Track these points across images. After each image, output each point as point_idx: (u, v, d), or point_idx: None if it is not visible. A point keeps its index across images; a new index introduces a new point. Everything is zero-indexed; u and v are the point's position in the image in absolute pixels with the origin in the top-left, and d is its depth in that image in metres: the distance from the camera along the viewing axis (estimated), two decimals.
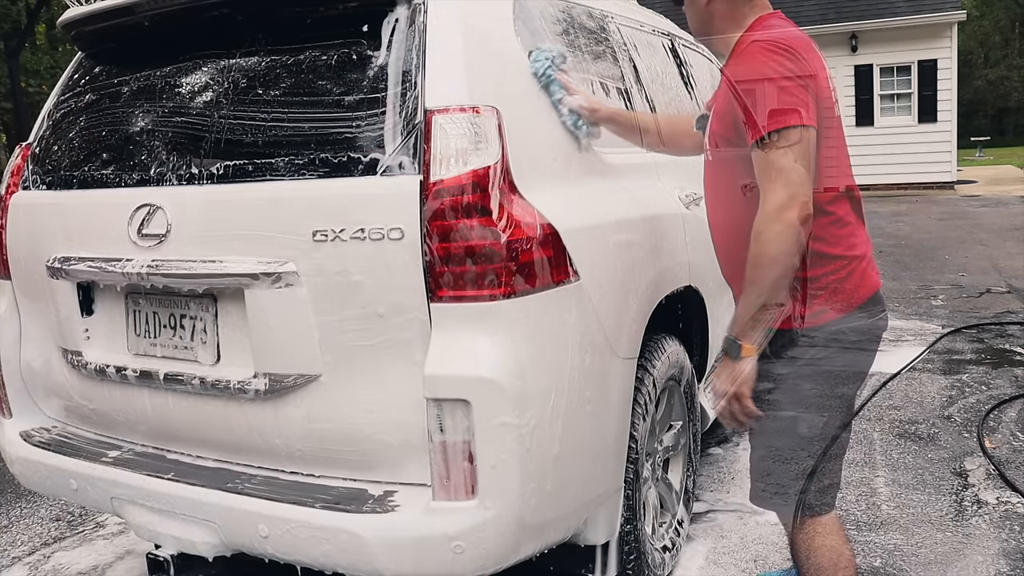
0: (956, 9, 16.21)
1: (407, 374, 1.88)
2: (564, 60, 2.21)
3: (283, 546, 1.94)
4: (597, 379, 2.09)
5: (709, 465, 3.59)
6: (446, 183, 1.80)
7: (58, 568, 3.01)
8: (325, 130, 1.95)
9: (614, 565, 2.31)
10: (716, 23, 1.96)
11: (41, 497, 3.62)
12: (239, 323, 2.06)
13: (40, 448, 2.40)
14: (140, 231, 2.14)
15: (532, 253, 1.86)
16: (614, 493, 2.21)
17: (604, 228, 2.17)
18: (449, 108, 1.84)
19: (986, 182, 18.12)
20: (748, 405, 1.83)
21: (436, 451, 1.81)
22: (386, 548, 1.83)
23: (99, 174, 2.30)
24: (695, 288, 2.81)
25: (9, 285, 2.54)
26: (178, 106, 2.20)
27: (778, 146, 1.70)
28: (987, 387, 4.44)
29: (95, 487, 2.25)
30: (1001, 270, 7.91)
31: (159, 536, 2.14)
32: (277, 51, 2.10)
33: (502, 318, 1.81)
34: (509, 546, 1.86)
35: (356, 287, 1.88)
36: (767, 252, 1.73)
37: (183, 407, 2.18)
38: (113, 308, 2.32)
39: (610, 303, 2.13)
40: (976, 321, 5.92)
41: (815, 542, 1.96)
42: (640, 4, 3.50)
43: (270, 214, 1.96)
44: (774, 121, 1.72)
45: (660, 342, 2.56)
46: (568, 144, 2.20)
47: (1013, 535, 2.86)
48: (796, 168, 1.70)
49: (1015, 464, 3.44)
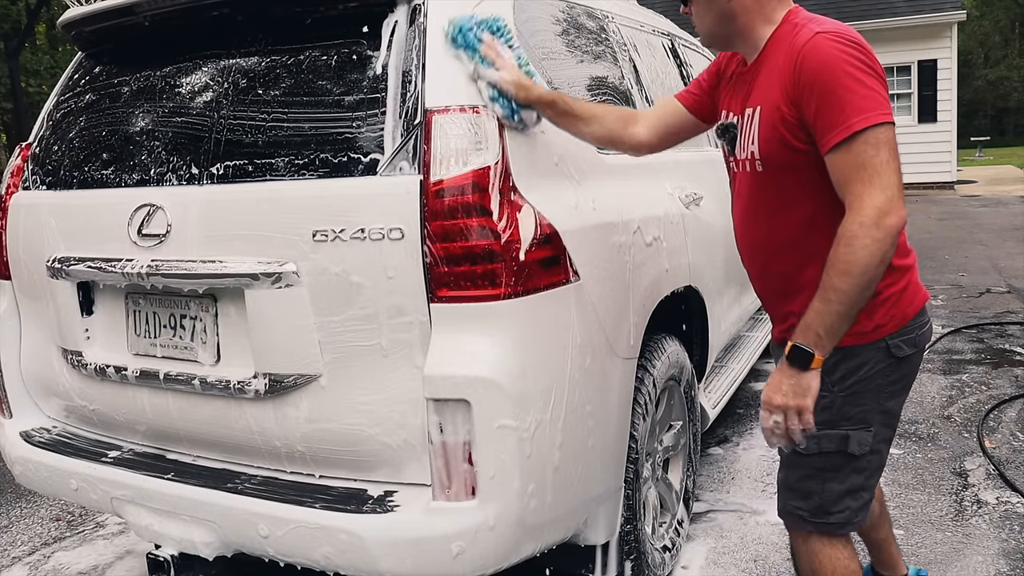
0: (956, 9, 16.21)
1: (407, 374, 1.88)
2: (499, 30, 1.97)
3: (283, 546, 1.94)
4: (597, 379, 2.09)
5: (709, 465, 3.59)
6: (446, 183, 1.80)
7: (58, 568, 3.01)
8: (325, 130, 1.95)
9: (614, 565, 2.31)
10: (741, 20, 1.79)
11: (41, 497, 3.62)
12: (239, 323, 2.06)
13: (40, 448, 2.40)
14: (140, 231, 2.14)
15: (532, 253, 1.86)
16: (614, 493, 2.22)
17: (604, 228, 2.17)
18: (449, 108, 1.84)
19: (986, 182, 18.12)
20: (809, 421, 1.66)
21: (436, 451, 1.81)
22: (386, 548, 1.83)
23: (99, 174, 2.30)
24: (695, 288, 2.81)
25: (9, 285, 2.54)
26: (178, 106, 2.20)
27: (869, 144, 1.57)
28: (987, 387, 4.44)
29: (95, 487, 2.25)
30: (1001, 270, 7.91)
31: (159, 536, 2.14)
32: (277, 51, 2.10)
33: (502, 318, 1.81)
34: (509, 546, 1.86)
35: (356, 287, 1.88)
36: (860, 260, 1.56)
37: (183, 407, 2.18)
38: (113, 308, 2.32)
39: (610, 303, 2.13)
40: (976, 321, 5.92)
41: (834, 553, 1.90)
42: (640, 4, 3.50)
43: (270, 214, 1.96)
44: (862, 119, 1.57)
45: (660, 342, 2.56)
46: (568, 144, 2.20)
47: (1013, 535, 2.86)
48: (890, 168, 1.57)
49: (1015, 464, 3.44)
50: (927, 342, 1.88)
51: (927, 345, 1.90)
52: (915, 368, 1.88)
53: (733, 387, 3.54)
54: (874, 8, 16.12)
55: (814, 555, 1.91)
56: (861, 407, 1.82)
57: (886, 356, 1.79)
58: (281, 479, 2.07)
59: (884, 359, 1.79)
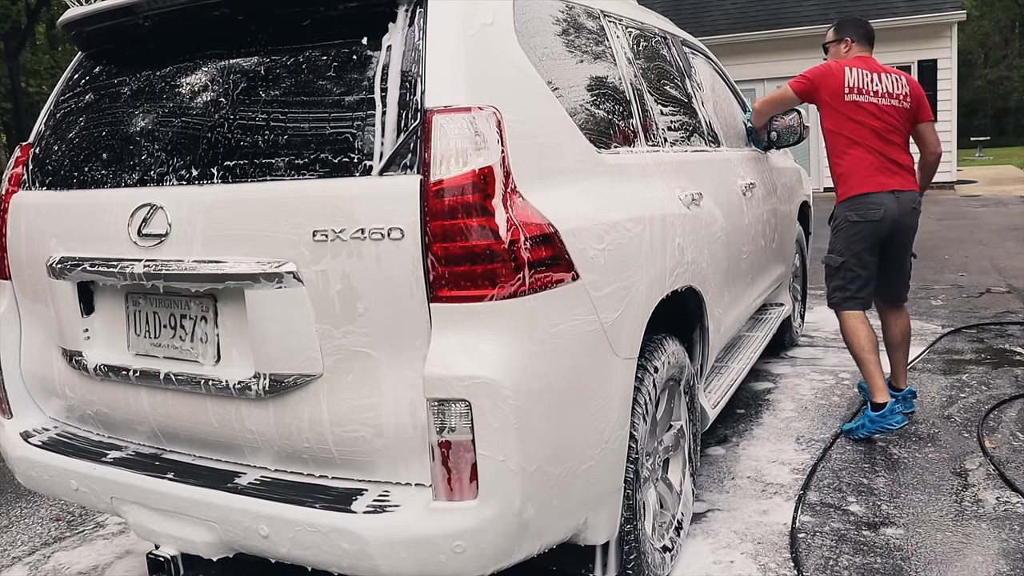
0: (956, 9, 16.22)
1: (407, 374, 1.88)
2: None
3: (283, 546, 1.94)
4: (597, 379, 2.09)
5: (709, 465, 3.59)
6: (446, 183, 1.80)
7: (58, 568, 3.02)
8: (325, 130, 1.95)
9: (614, 565, 2.31)
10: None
11: (41, 497, 3.62)
12: (239, 323, 2.06)
13: (40, 448, 2.41)
14: (140, 231, 2.14)
15: (532, 253, 1.86)
16: (614, 493, 2.22)
17: (604, 228, 2.17)
18: (449, 108, 1.84)
19: (986, 182, 18.13)
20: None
21: (436, 451, 1.81)
22: (386, 548, 1.83)
23: (99, 174, 2.30)
24: (695, 288, 2.81)
25: (9, 285, 2.54)
26: (178, 106, 2.20)
27: (932, 121, 3.97)
28: (987, 387, 4.44)
29: (95, 487, 2.25)
30: (1001, 270, 7.91)
31: (159, 536, 2.14)
32: (277, 51, 2.10)
33: (503, 318, 1.81)
34: (509, 546, 1.86)
35: (356, 287, 1.88)
36: (936, 163, 4.02)
37: (183, 407, 2.19)
38: (113, 308, 2.32)
39: (610, 303, 2.13)
40: (976, 321, 5.92)
41: (843, 325, 3.89)
42: (640, 4, 3.50)
43: (270, 214, 1.96)
44: (931, 112, 3.97)
45: (660, 342, 2.56)
46: (568, 144, 2.20)
47: (1013, 535, 2.86)
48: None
49: (1015, 464, 3.44)
50: (872, 218, 3.74)
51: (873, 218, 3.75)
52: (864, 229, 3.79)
53: (733, 387, 3.55)
54: (874, 8, 16.13)
55: (840, 320, 3.91)
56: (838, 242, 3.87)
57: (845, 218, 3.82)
58: (282, 479, 2.07)
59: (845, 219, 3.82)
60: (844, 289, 3.83)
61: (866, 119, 3.74)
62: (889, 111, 3.77)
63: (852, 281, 3.80)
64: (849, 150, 3.77)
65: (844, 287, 3.83)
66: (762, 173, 4.21)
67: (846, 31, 3.98)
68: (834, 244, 3.85)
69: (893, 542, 2.84)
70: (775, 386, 4.69)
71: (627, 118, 2.69)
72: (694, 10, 17.86)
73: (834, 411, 4.20)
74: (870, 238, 3.75)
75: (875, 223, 3.73)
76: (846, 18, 4.17)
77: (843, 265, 3.80)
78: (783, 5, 17.59)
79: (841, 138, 3.79)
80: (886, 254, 3.88)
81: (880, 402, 3.73)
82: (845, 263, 3.79)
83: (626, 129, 2.65)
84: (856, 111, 3.74)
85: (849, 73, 3.76)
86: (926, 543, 2.83)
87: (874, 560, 2.73)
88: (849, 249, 3.77)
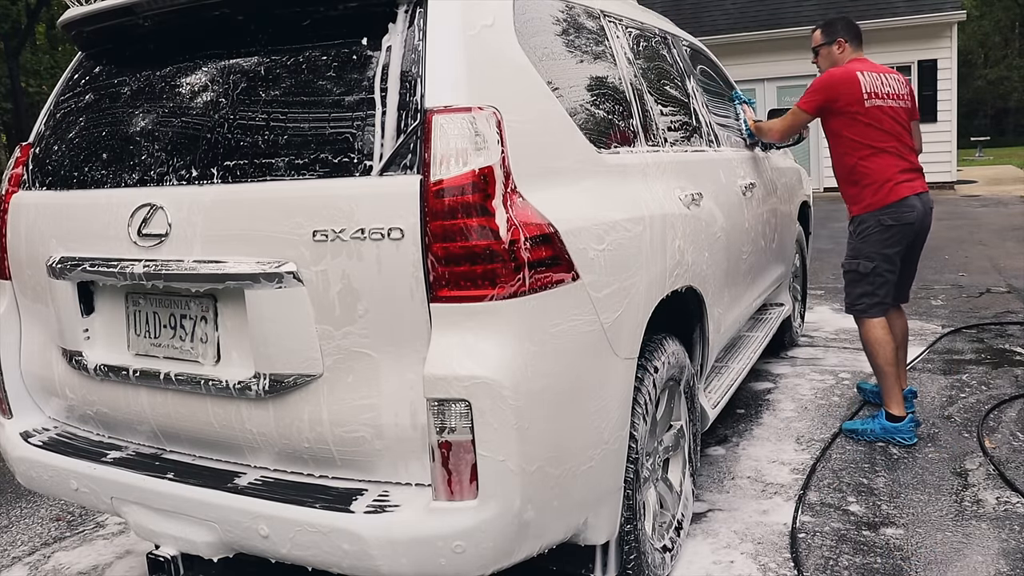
0: (956, 9, 16.21)
1: (407, 374, 1.88)
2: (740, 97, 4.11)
3: (283, 546, 1.94)
4: (597, 379, 2.09)
5: (709, 465, 3.59)
6: (446, 183, 1.80)
7: (58, 568, 3.02)
8: (325, 130, 1.95)
9: (614, 565, 2.31)
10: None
11: (41, 497, 3.62)
12: (239, 323, 2.06)
13: (40, 448, 2.40)
14: (140, 231, 2.14)
15: (532, 253, 1.86)
16: (614, 493, 2.22)
17: (604, 228, 2.17)
18: (449, 108, 1.84)
19: (986, 182, 18.12)
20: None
21: (436, 451, 1.81)
22: (386, 548, 1.83)
23: (99, 174, 2.30)
24: (695, 288, 2.81)
25: (9, 285, 2.54)
26: (178, 106, 2.20)
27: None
28: (987, 387, 4.44)
29: (95, 487, 2.25)
30: (1001, 270, 7.91)
31: (159, 536, 2.14)
32: (277, 51, 2.10)
33: (502, 318, 1.81)
34: (509, 546, 1.86)
35: (356, 287, 1.88)
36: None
37: (183, 407, 2.19)
38: (113, 308, 2.32)
39: (610, 303, 2.13)
40: (976, 321, 5.92)
41: (869, 334, 3.80)
42: (640, 4, 3.50)
43: (270, 214, 1.96)
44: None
45: (660, 342, 2.56)
46: (568, 144, 2.20)
47: (1013, 535, 2.86)
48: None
49: (1015, 464, 3.44)
50: (908, 221, 3.70)
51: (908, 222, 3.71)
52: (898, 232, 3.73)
53: (733, 387, 3.55)
54: (874, 8, 16.13)
55: (861, 329, 3.84)
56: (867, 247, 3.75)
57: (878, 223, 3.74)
58: (282, 479, 2.07)
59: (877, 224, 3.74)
60: (872, 295, 3.73)
61: (887, 124, 3.69)
62: (900, 112, 3.74)
63: (881, 287, 3.73)
64: (876, 157, 3.69)
65: (873, 292, 3.73)
66: (762, 173, 4.21)
67: (838, 32, 3.88)
68: (860, 249, 3.73)
69: (893, 542, 2.84)
70: (775, 386, 4.69)
71: (627, 118, 2.69)
72: (694, 10, 17.85)
73: (834, 411, 4.20)
74: (904, 240, 3.71)
75: (910, 225, 3.69)
76: (833, 18, 4.06)
77: (874, 270, 3.70)
78: (783, 5, 17.59)
79: (864, 146, 3.70)
80: (906, 256, 3.84)
81: (898, 415, 3.72)
82: (876, 268, 3.69)
83: (626, 129, 2.65)
84: (879, 117, 3.68)
85: (863, 78, 3.68)
86: (926, 543, 2.83)
87: (874, 560, 2.73)
88: (881, 254, 3.69)
